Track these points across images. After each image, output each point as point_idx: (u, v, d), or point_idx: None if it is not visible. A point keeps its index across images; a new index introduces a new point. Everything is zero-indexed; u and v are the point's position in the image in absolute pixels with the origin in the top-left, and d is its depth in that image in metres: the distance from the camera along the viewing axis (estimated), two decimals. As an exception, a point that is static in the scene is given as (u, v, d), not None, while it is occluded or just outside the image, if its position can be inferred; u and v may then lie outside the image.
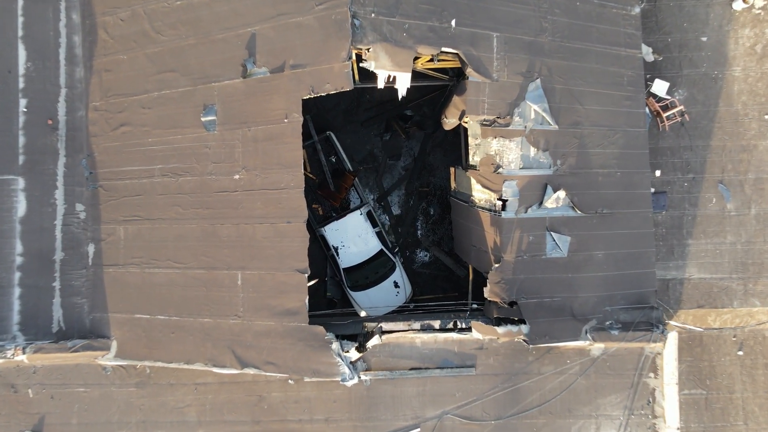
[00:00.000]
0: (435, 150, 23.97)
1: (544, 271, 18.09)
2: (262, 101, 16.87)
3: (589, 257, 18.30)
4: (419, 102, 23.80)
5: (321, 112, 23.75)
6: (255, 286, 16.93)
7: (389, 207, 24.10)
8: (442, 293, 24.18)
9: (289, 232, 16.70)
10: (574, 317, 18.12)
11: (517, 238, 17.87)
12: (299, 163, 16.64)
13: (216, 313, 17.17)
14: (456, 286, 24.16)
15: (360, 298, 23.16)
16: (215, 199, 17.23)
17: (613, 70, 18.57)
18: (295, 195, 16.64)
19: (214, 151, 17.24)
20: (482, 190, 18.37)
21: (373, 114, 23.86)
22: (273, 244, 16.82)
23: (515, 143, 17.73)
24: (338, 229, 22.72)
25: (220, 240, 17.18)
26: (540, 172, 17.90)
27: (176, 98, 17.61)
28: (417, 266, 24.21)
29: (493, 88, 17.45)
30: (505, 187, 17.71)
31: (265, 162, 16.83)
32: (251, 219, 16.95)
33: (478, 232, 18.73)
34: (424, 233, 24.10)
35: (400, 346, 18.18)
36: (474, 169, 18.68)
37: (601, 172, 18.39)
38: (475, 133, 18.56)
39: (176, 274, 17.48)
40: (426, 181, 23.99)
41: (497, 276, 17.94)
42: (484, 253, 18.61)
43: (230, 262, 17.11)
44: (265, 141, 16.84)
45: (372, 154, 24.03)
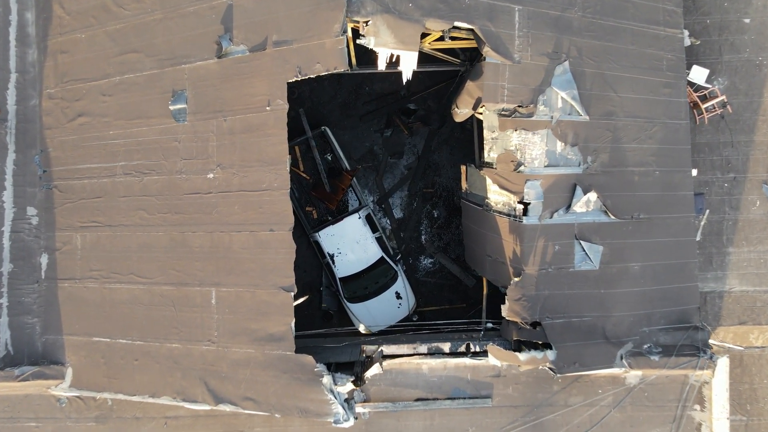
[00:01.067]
0: (441, 147, 20.37)
1: (572, 286, 14.48)
2: (240, 86, 13.25)
3: (623, 270, 14.69)
4: (423, 95, 20.18)
5: (315, 106, 20.15)
6: (232, 306, 13.30)
7: (390, 210, 20.50)
8: (449, 304, 20.59)
9: (271, 241, 13.08)
10: (607, 340, 14.51)
11: (541, 247, 14.28)
12: (284, 159, 13.01)
13: (186, 337, 13.53)
14: (464, 296, 20.56)
15: (358, 311, 19.55)
16: (186, 203, 13.60)
17: (650, 53, 14.94)
18: (279, 198, 13.02)
19: (184, 146, 13.62)
20: (500, 191, 14.76)
21: (373, 108, 20.25)
22: (253, 256, 13.19)
23: (539, 137, 14.12)
24: (334, 235, 19.11)
25: (191, 251, 13.56)
26: (568, 171, 14.29)
27: (141, 83, 13.98)
28: (421, 275, 20.63)
29: (514, 71, 13.83)
30: (527, 188, 14.09)
31: (244, 158, 13.20)
32: (227, 226, 13.33)
33: (494, 240, 15.11)
34: (428, 239, 20.52)
35: (404, 373, 14.58)
36: (490, 167, 15.06)
37: (638, 170, 14.78)
38: (491, 126, 14.92)
39: (140, 290, 13.86)
40: (431, 182, 20.40)
41: (517, 292, 14.34)
42: (502, 264, 15.00)
43: (203, 277, 13.48)
44: (244, 133, 13.21)
45: (372, 151, 20.43)
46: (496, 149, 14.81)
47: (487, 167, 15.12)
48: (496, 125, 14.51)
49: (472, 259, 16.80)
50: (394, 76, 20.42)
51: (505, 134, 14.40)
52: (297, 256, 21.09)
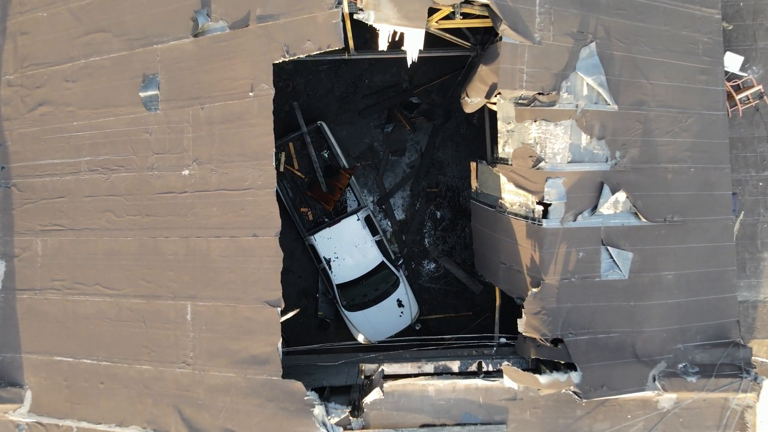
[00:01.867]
0: (446, 144, 18.08)
1: (598, 297, 12.20)
2: (219, 68, 10.94)
3: (656, 279, 12.38)
4: (427, 87, 17.89)
5: (311, 99, 17.87)
6: (209, 322, 11.00)
7: (391, 211, 18.23)
8: (454, 312, 18.30)
9: (255, 248, 10.78)
10: (637, 359, 12.20)
11: (563, 254, 11.99)
12: (269, 153, 10.69)
13: (158, 358, 11.22)
14: (470, 303, 18.27)
15: (357, 320, 17.26)
16: (158, 203, 11.29)
17: (685, 34, 12.62)
18: (264, 198, 10.71)
19: (156, 138, 11.30)
20: (516, 191, 12.47)
21: (373, 102, 17.97)
22: (234, 265, 10.89)
23: (562, 128, 11.82)
24: (331, 238, 16.82)
25: (163, 258, 11.25)
26: (594, 167, 11.99)
27: (108, 67, 11.67)
28: (424, 281, 18.34)
29: (534, 53, 11.52)
30: (547, 188, 11.80)
31: (224, 152, 10.90)
32: (205, 230, 11.03)
33: (508, 245, 12.81)
34: (432, 242, 18.24)
35: (407, 396, 12.27)
36: (505, 163, 12.75)
37: (671, 167, 12.47)
38: (506, 117, 12.60)
39: (107, 303, 11.54)
40: (435, 181, 18.12)
41: (536, 304, 12.05)
42: (518, 273, 12.70)
43: (177, 289, 11.17)
44: (224, 123, 10.90)
45: (371, 148, 18.15)
46: (511, 143, 12.50)
47: (501, 164, 12.81)
48: (512, 116, 12.20)
49: (482, 267, 14.48)
50: (396, 68, 18.15)
51: (522, 126, 12.10)
52: (291, 261, 18.88)
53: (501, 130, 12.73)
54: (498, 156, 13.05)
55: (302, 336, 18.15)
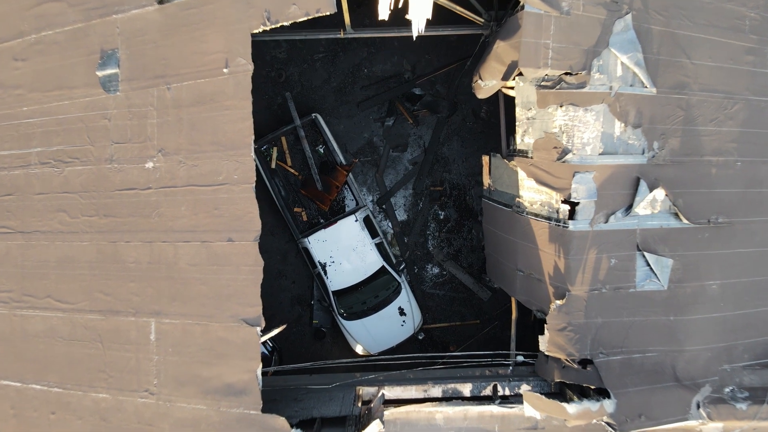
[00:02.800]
0: (451, 138, 15.91)
1: (633, 311, 9.99)
2: (188, 41, 8.72)
3: (699, 290, 10.18)
4: (431, 78, 15.71)
5: (306, 91, 15.67)
6: (177, 344, 8.79)
7: (393, 211, 16.06)
8: (460, 321, 16.11)
9: (231, 256, 8.56)
10: (678, 383, 10.00)
11: (592, 261, 9.79)
12: (248, 141, 8.46)
13: (117, 385, 8.99)
14: (477, 311, 16.08)
15: (355, 330, 15.07)
16: (117, 202, 9.09)
17: (730, 8, 10.38)
18: (242, 195, 8.48)
19: (115, 125, 9.09)
20: (537, 187, 10.27)
21: (372, 93, 15.79)
22: (205, 275, 8.67)
23: (593, 115, 9.61)
24: (326, 240, 14.63)
25: (124, 267, 9.04)
26: (629, 160, 9.79)
27: (62, 42, 9.44)
28: (428, 286, 16.15)
29: (561, 25, 9.33)
30: (575, 183, 9.59)
31: (194, 140, 8.68)
32: (172, 234, 8.81)
33: (527, 251, 10.60)
34: (436, 245, 16.05)
35: (412, 425, 10.06)
36: (524, 156, 10.53)
37: (715, 160, 10.27)
38: (527, 102, 10.38)
39: (59, 319, 9.33)
40: (439, 179, 15.93)
41: (561, 319, 9.85)
42: (538, 282, 10.50)
43: (139, 304, 8.96)
44: (194, 106, 8.68)
45: (371, 143, 15.97)
46: (532, 132, 10.28)
47: (519, 157, 10.59)
48: (533, 101, 9.98)
49: (495, 274, 12.25)
50: (397, 57, 15.97)
51: (545, 112, 9.89)
52: (284, 265, 16.68)
53: (519, 117, 10.50)
54: (515, 148, 10.83)
55: (296, 346, 15.96)
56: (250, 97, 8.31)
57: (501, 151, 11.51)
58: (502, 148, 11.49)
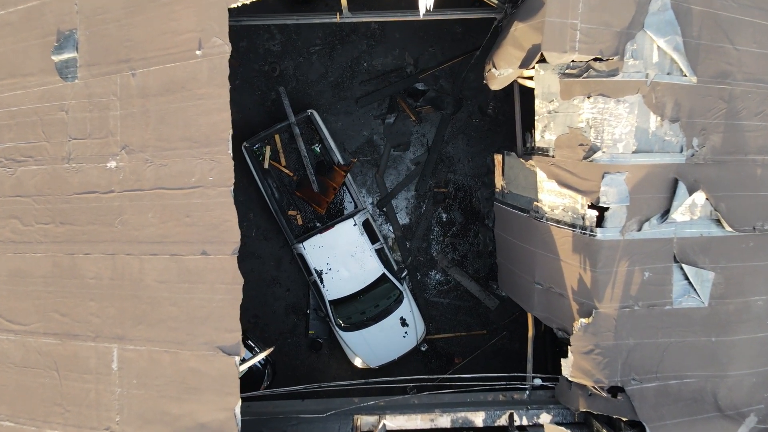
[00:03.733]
0: (456, 137, 14.34)
1: (669, 331, 8.43)
2: (155, 18, 7.14)
3: (743, 307, 8.60)
4: (435, 72, 14.14)
5: (302, 86, 14.10)
6: (142, 374, 7.22)
7: (394, 214, 14.49)
8: (465, 331, 14.55)
9: (205, 272, 6.99)
10: (721, 413, 8.44)
11: (623, 274, 8.23)
12: (224, 136, 6.87)
13: (74, 421, 7.41)
14: (484, 320, 14.52)
15: (354, 341, 13.49)
16: (76, 207, 7.53)
17: (777, -12, 8.93)
18: (218, 200, 6.91)
19: (74, 117, 7.52)
20: (559, 190, 8.71)
21: (372, 88, 14.23)
22: (176, 294, 7.10)
23: (626, 107, 8.05)
24: (323, 246, 13.05)
25: (83, 283, 7.47)
26: (666, 159, 8.22)
27: (15, 23, 7.86)
28: (431, 294, 14.59)
29: (590, 3, 7.74)
30: (604, 186, 8.03)
31: (162, 135, 7.11)
32: (137, 245, 7.24)
33: (547, 261, 9.03)
34: (440, 250, 14.49)
35: (417, 461, 8.57)
36: (544, 154, 8.94)
37: (761, 160, 8.68)
38: (548, 92, 8.80)
39: (10, 342, 7.74)
40: (443, 179, 14.37)
41: (587, 340, 8.30)
42: (560, 298, 8.94)
43: (100, 327, 7.38)
44: (162, 95, 7.10)
45: (371, 142, 14.40)
46: (554, 128, 8.70)
47: (538, 155, 9.01)
48: (555, 91, 8.42)
49: (509, 286, 10.66)
50: (399, 50, 14.40)
51: (570, 104, 8.33)
52: (279, 272, 15.10)
53: (539, 111, 8.91)
54: (534, 145, 9.24)
55: (291, 358, 14.40)
56: (227, 84, 6.74)
57: (516, 149, 9.93)
58: (517, 146, 9.90)
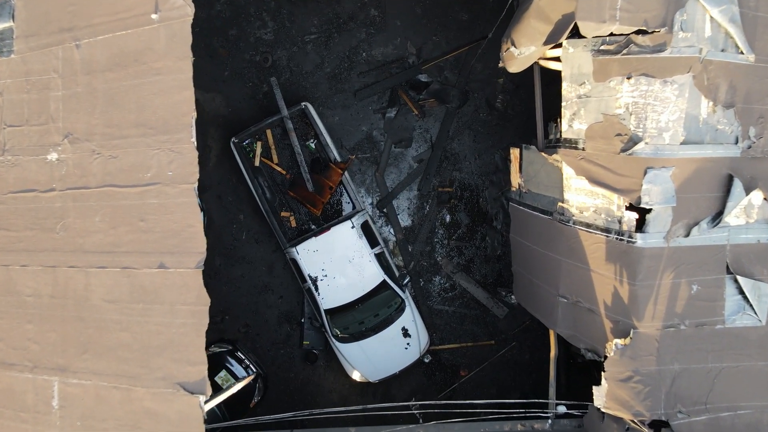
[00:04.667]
0: (462, 132, 12.83)
1: (721, 355, 6.91)
2: (104, -24, 5.67)
3: (806, 325, 7.17)
4: (439, 63, 12.62)
5: (296, 77, 12.58)
6: (88, 414, 5.67)
7: (395, 216, 12.97)
8: (472, 341, 13.02)
9: (163, 289, 5.46)
10: (782, 450, 7.00)
11: (667, 287, 6.71)
12: (187, 120, 5.35)
13: (8, 469, 5.99)
14: (492, 330, 12.99)
15: (352, 354, 11.95)
16: (11, 209, 5.99)
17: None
18: (180, 200, 5.41)
19: (9, 100, 5.98)
20: (590, 189, 7.18)
21: (371, 80, 12.70)
22: (128, 317, 5.57)
23: (675, 89, 6.53)
24: (318, 250, 11.51)
25: (19, 301, 5.94)
26: (719, 152, 6.69)
27: (-58, -11, 6.41)
28: (435, 302, 13.07)
29: (634, -36, 6.30)
30: (647, 183, 6.50)
31: (112, 120, 5.59)
32: (82, 255, 5.69)
33: (575, 271, 7.51)
34: (445, 254, 12.98)
35: (423, 506, 7.05)
36: (572, 147, 7.41)
37: (824, 153, 7.25)
38: (578, 74, 7.25)
39: (-64, 372, 6.29)
40: (448, 178, 12.86)
41: (624, 365, 6.78)
42: (590, 314, 7.41)
43: (38, 355, 5.85)
44: (111, 70, 5.58)
45: (370, 137, 12.88)
46: (585, 115, 7.18)
47: (565, 148, 7.50)
48: (588, 72, 6.89)
49: (527, 299, 9.11)
50: (400, 39, 12.92)
51: (606, 87, 6.80)
52: (271, 277, 13.39)
53: (567, 96, 7.37)
54: (559, 137, 7.72)
55: (284, 371, 12.88)
56: (189, 55, 5.21)
57: (536, 141, 8.40)
58: (538, 138, 8.37)
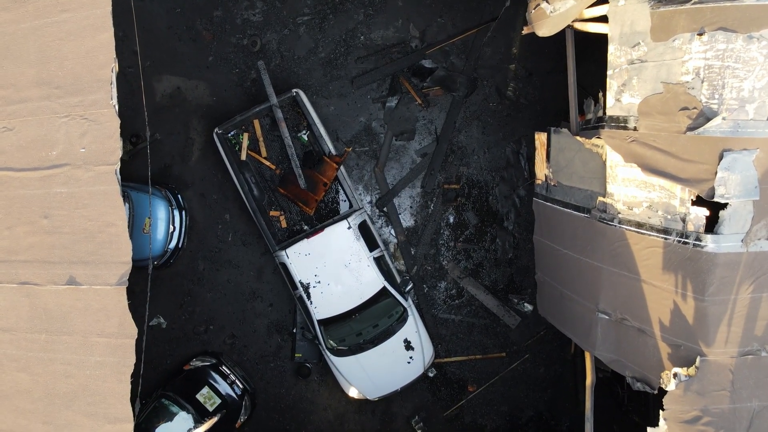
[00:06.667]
0: (469, 123, 11.15)
1: (813, 390, 5.30)
2: None
3: None
4: (444, 47, 10.96)
5: (287, 63, 10.91)
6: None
7: (396, 215, 11.30)
8: (481, 353, 11.34)
9: (74, 314, 3.84)
10: None
11: (745, 304, 5.05)
12: (106, 75, 3.71)
13: None
14: (503, 341, 11.30)
15: (348, 369, 10.27)
16: None
17: None
18: (96, 188, 3.78)
19: None
20: (642, 180, 5.50)
21: (370, 66, 11.03)
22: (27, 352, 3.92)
23: (763, 47, 4.89)
24: (310, 254, 9.82)
25: None
26: (813, 131, 5.10)
27: None
28: (440, 310, 11.38)
29: None
30: (723, 171, 4.85)
31: (6, 77, 3.91)
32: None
33: (621, 282, 5.83)
34: (451, 257, 11.30)
35: None
36: (619, 127, 5.75)
37: None
38: (629, 33, 5.58)
39: None
40: (455, 174, 11.18)
41: (689, 402, 5.11)
42: (640, 335, 5.73)
43: None
44: (7, 9, 3.95)
45: (369, 129, 11.20)
46: (638, 86, 5.48)
47: (610, 128, 5.83)
48: (643, 30, 5.21)
49: (555, 313, 7.39)
50: (402, 20, 11.27)
51: (667, 48, 5.13)
52: (260, 283, 11.32)
53: (615, 62, 5.64)
54: (602, 115, 6.02)
55: (274, 386, 11.21)
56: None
57: (570, 124, 6.70)
58: (571, 120, 6.67)
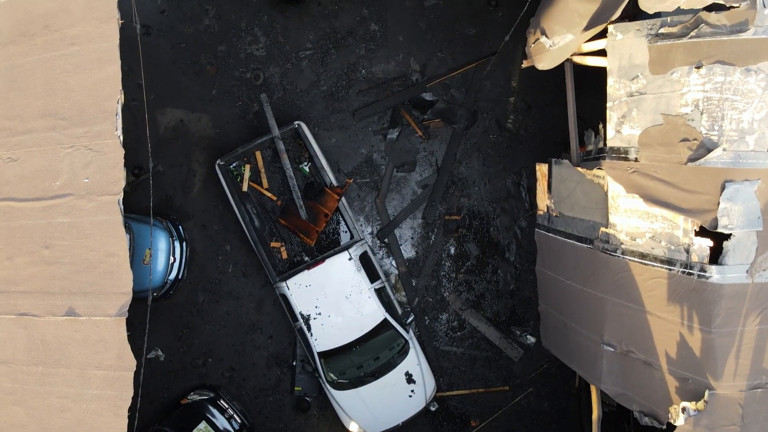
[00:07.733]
0: (470, 155, 11.18)
1: (825, 425, 5.16)
2: None
3: None
4: (444, 80, 11.08)
5: (289, 95, 11.01)
6: None
7: (398, 247, 11.22)
8: (484, 387, 11.11)
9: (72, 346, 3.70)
10: None
11: (753, 336, 4.94)
12: (112, 106, 3.72)
13: None
14: (506, 374, 11.09)
15: (349, 403, 10.05)
16: None
17: None
18: (98, 219, 3.74)
19: None
20: (645, 210, 5.48)
21: (372, 99, 11.14)
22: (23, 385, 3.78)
23: (761, 80, 4.91)
24: (311, 285, 9.71)
25: None
26: (814, 162, 5.08)
27: None
28: (442, 343, 11.21)
29: None
30: (725, 202, 4.82)
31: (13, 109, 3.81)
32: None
33: (625, 314, 5.74)
34: (453, 289, 11.19)
35: None
36: (620, 157, 5.75)
37: None
38: (629, 66, 5.63)
39: None
40: (456, 205, 11.16)
41: (699, 438, 4.99)
42: (646, 368, 5.62)
43: None
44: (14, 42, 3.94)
45: (370, 161, 11.22)
46: (638, 117, 5.50)
47: (612, 159, 5.82)
48: (642, 63, 5.25)
49: (560, 346, 7.25)
50: (402, 54, 11.42)
51: (666, 81, 5.17)
52: (260, 315, 11.19)
53: (614, 95, 5.70)
54: (603, 146, 6.04)
55: (273, 420, 10.96)
56: (116, 15, 3.53)
57: (570, 155, 6.71)
58: (571, 151, 6.69)
